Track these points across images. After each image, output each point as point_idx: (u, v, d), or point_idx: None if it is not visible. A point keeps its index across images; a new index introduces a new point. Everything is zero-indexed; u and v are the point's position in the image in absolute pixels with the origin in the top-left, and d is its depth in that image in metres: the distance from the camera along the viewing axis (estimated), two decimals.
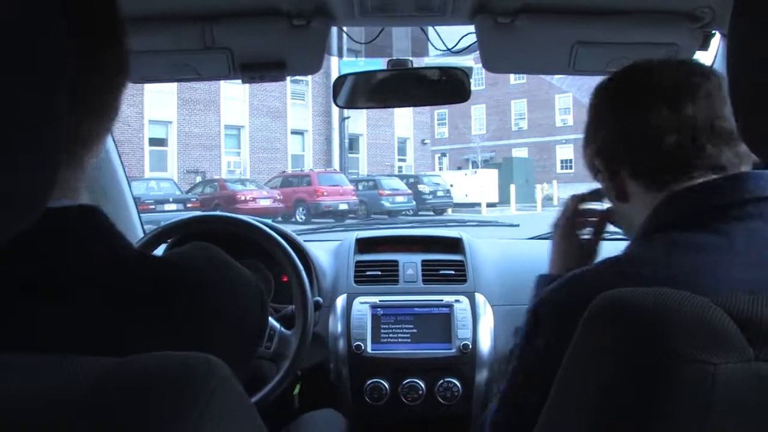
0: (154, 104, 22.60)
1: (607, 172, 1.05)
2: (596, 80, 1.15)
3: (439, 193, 23.59)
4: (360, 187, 21.59)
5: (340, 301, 1.95)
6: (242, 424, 0.56)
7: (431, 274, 2.03)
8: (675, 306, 0.61)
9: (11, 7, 0.42)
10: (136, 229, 2.20)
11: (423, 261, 2.07)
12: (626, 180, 1.02)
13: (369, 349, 1.87)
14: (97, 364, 0.53)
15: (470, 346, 1.85)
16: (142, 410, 0.49)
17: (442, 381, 1.85)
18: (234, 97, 25.10)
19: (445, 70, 1.76)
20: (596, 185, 1.16)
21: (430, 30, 1.72)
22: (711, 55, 1.64)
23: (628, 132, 1.01)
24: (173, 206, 16.82)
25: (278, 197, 19.71)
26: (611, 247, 1.13)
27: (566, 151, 38.93)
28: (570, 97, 37.21)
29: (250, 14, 1.48)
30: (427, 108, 29.68)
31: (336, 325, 1.92)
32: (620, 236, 2.44)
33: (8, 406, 0.50)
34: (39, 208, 0.49)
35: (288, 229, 2.07)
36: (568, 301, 0.88)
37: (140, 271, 0.67)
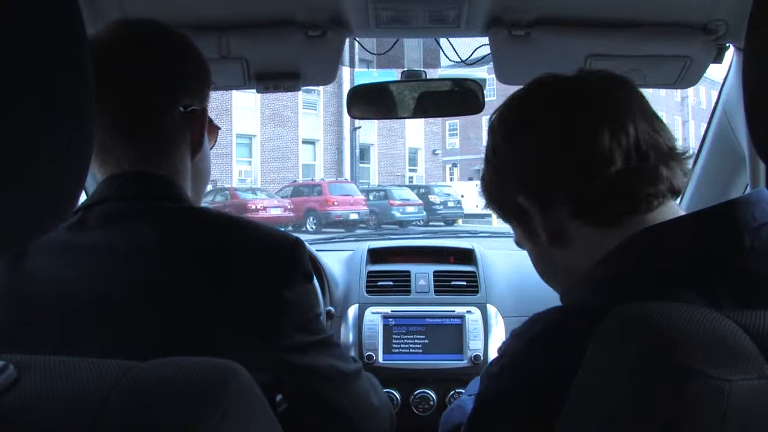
0: None
1: (538, 212, 0.89)
2: None
3: (450, 204, 23.53)
4: (371, 197, 21.57)
5: (352, 311, 1.95)
6: (261, 430, 0.57)
7: (443, 284, 2.03)
8: (691, 321, 0.61)
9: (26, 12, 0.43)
10: None
11: (435, 272, 2.07)
12: (564, 220, 0.87)
13: (380, 359, 1.87)
14: (117, 366, 0.54)
15: (481, 357, 1.85)
16: (162, 414, 0.50)
17: (453, 392, 1.85)
18: (246, 106, 25.19)
19: (458, 82, 1.76)
20: None
21: (443, 41, 1.72)
22: (725, 68, 1.64)
23: (566, 161, 0.85)
24: None
25: (289, 206, 19.72)
26: None
27: None
28: None
29: (265, 25, 1.49)
30: (439, 119, 29.70)
31: (348, 335, 1.92)
32: None
33: (26, 408, 0.51)
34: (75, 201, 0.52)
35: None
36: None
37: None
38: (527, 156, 0.89)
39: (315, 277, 1.82)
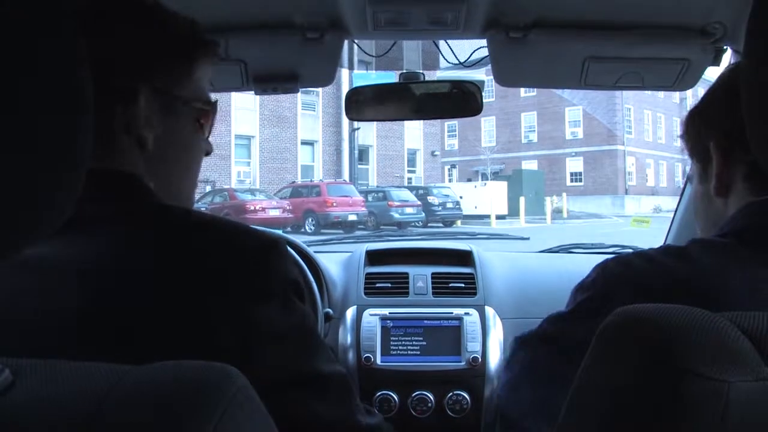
0: None
1: (719, 162, 0.94)
2: (607, 94, 1.09)
3: (449, 205, 23.55)
4: (369, 198, 21.57)
5: (350, 313, 1.95)
6: None
7: (441, 286, 2.03)
8: (689, 323, 0.61)
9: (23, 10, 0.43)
10: None
11: (433, 273, 2.07)
12: (736, 177, 0.92)
13: (378, 361, 1.87)
14: (113, 370, 0.54)
15: (479, 360, 1.85)
16: (159, 416, 0.50)
17: (451, 394, 1.84)
18: (244, 107, 25.19)
19: (457, 84, 1.76)
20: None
21: (442, 43, 1.73)
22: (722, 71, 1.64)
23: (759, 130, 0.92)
24: None
25: (288, 207, 19.72)
26: None
27: (576, 164, 38.90)
28: (580, 110, 37.22)
29: (264, 27, 1.49)
30: (437, 120, 29.72)
31: (346, 337, 1.92)
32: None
33: (21, 411, 0.51)
34: (70, 207, 0.50)
35: (298, 239, 2.08)
36: (616, 272, 0.91)
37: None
38: (735, 113, 0.91)
39: (314, 283, 1.83)
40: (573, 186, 37.87)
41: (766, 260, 0.80)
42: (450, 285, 2.03)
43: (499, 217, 24.15)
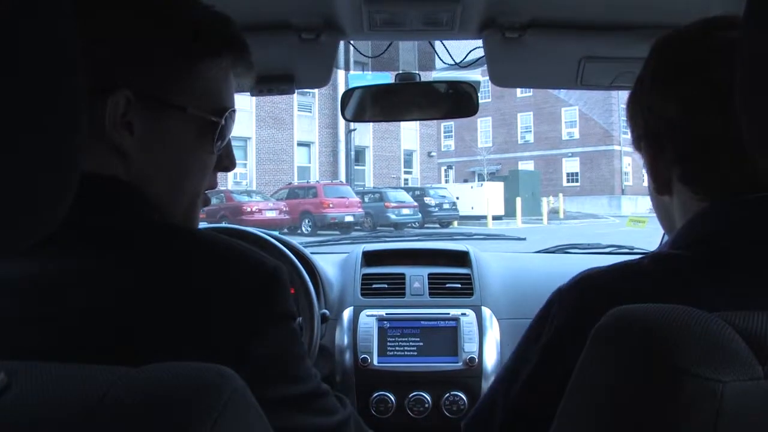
0: None
1: (650, 162, 0.93)
2: (603, 94, 1.09)
3: (445, 206, 23.55)
4: (366, 200, 21.59)
5: (347, 314, 1.95)
6: None
7: (438, 287, 2.03)
8: (683, 323, 0.61)
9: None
10: None
11: (429, 274, 2.07)
12: (672, 179, 0.91)
13: (375, 362, 1.87)
14: (110, 371, 0.54)
15: (476, 360, 1.85)
16: (155, 417, 0.50)
17: (448, 394, 1.84)
18: (241, 108, 24.95)
19: (452, 84, 1.76)
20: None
21: (438, 44, 1.72)
22: None
23: (694, 131, 0.85)
24: None
25: (284, 209, 19.70)
26: None
27: (572, 164, 38.92)
28: (576, 110, 37.23)
29: (259, 28, 1.49)
30: (434, 120, 29.74)
31: (342, 338, 1.92)
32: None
33: (17, 413, 0.51)
34: (61, 212, 0.50)
35: (294, 241, 2.07)
36: (576, 296, 0.87)
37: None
38: (660, 111, 0.90)
39: (311, 284, 1.83)
40: (569, 186, 37.90)
41: (718, 277, 0.79)
42: (447, 285, 2.03)
43: (495, 218, 24.16)
